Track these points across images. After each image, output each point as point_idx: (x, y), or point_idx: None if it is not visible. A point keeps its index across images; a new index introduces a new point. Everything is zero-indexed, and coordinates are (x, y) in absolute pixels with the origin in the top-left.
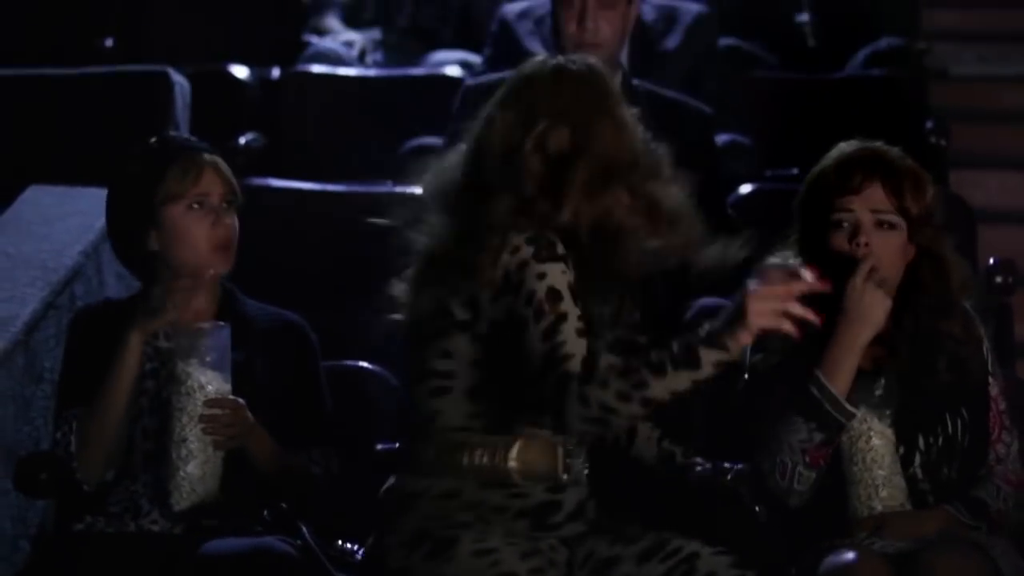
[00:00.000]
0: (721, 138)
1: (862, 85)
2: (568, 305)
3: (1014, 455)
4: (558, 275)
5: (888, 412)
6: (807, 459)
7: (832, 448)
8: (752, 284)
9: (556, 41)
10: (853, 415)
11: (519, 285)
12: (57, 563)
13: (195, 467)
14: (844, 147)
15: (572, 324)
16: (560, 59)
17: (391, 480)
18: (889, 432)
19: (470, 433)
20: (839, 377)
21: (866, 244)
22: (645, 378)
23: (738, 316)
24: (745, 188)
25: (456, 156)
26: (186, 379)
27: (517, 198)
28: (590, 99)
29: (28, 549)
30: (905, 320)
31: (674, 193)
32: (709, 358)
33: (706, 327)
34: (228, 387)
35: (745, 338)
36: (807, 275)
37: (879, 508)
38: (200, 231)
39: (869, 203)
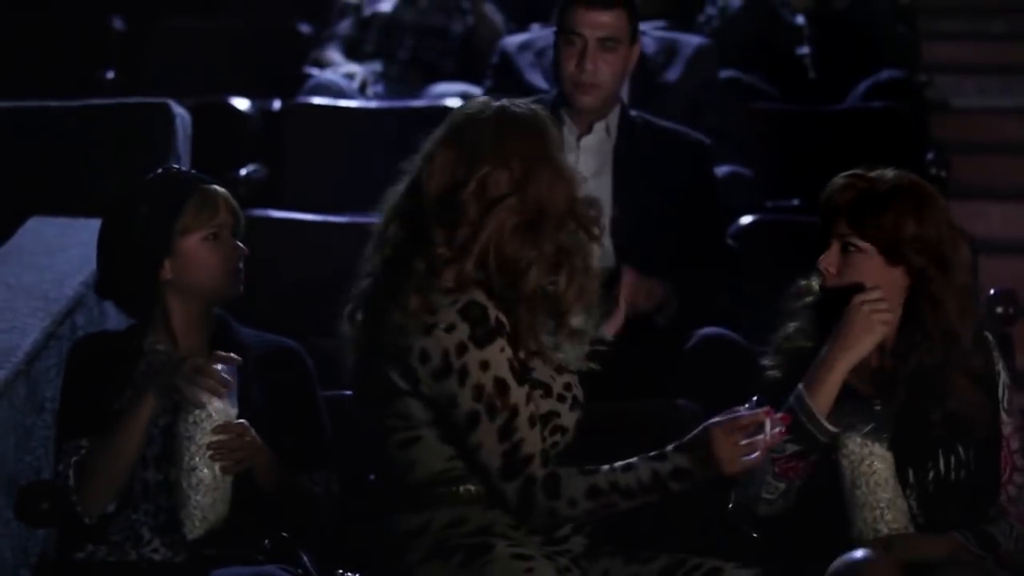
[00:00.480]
0: (722, 169)
1: (863, 117)
2: (517, 394)
3: None
4: (501, 360)
5: (886, 436)
6: (776, 469)
7: (807, 465)
8: (717, 430)
9: (555, 76)
10: (829, 432)
11: (463, 374)
12: None
13: (206, 495)
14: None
15: (525, 415)
16: (504, 101)
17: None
18: (889, 456)
19: (456, 468)
20: (820, 394)
21: (827, 267)
22: (614, 501)
23: (706, 455)
24: (746, 219)
25: (395, 191)
26: (193, 408)
27: (441, 248)
28: (533, 145)
29: None
30: (904, 347)
31: (595, 253)
32: (675, 488)
33: (671, 452)
34: (235, 412)
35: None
36: (769, 425)
37: (885, 531)
38: (216, 261)
39: (837, 228)
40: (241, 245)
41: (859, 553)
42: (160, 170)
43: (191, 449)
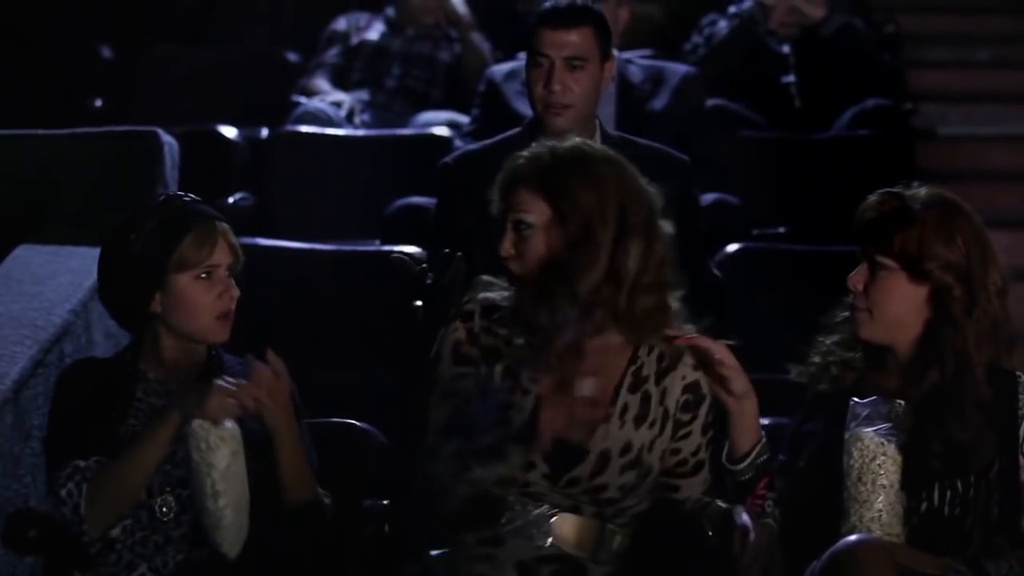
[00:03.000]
0: (708, 197)
1: (849, 145)
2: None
3: None
4: None
5: (903, 439)
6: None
7: (763, 492)
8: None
9: (529, 100)
10: (748, 466)
11: None
12: None
13: (235, 514)
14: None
15: None
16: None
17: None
18: (900, 459)
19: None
20: (737, 443)
21: (855, 285)
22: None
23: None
24: (732, 247)
25: None
26: (205, 435)
27: None
28: None
29: None
30: (919, 367)
31: None
32: (516, 456)
33: None
34: (239, 432)
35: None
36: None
37: (878, 534)
38: (206, 301)
39: (865, 246)
40: (234, 286)
41: (855, 536)
42: (163, 197)
43: (213, 476)
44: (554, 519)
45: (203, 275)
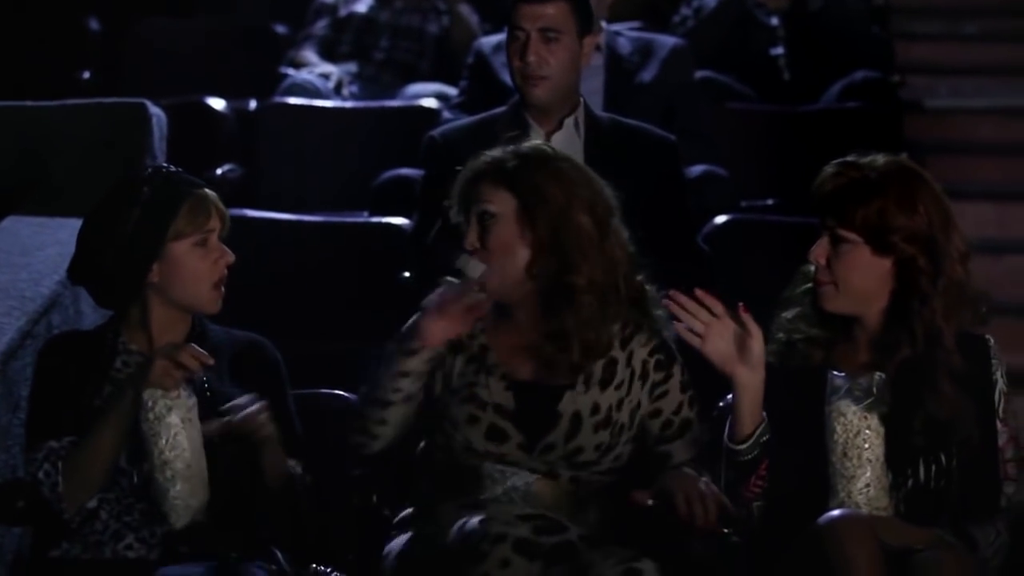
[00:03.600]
0: (696, 169)
1: (837, 117)
2: None
3: (1016, 506)
4: None
5: (885, 411)
6: (744, 492)
7: (756, 477)
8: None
9: (511, 76)
10: (744, 451)
11: None
12: None
13: (183, 484)
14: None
15: None
16: None
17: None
18: (883, 432)
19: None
20: (738, 427)
21: (817, 258)
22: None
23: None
24: (720, 219)
25: None
26: (152, 405)
27: None
28: None
29: None
30: (889, 341)
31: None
32: (399, 351)
33: None
34: (194, 402)
35: (420, 338)
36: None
37: (865, 509)
38: (203, 268)
39: (826, 218)
40: (229, 251)
41: (836, 512)
42: (150, 170)
43: (159, 444)
44: (532, 484)
45: (199, 242)
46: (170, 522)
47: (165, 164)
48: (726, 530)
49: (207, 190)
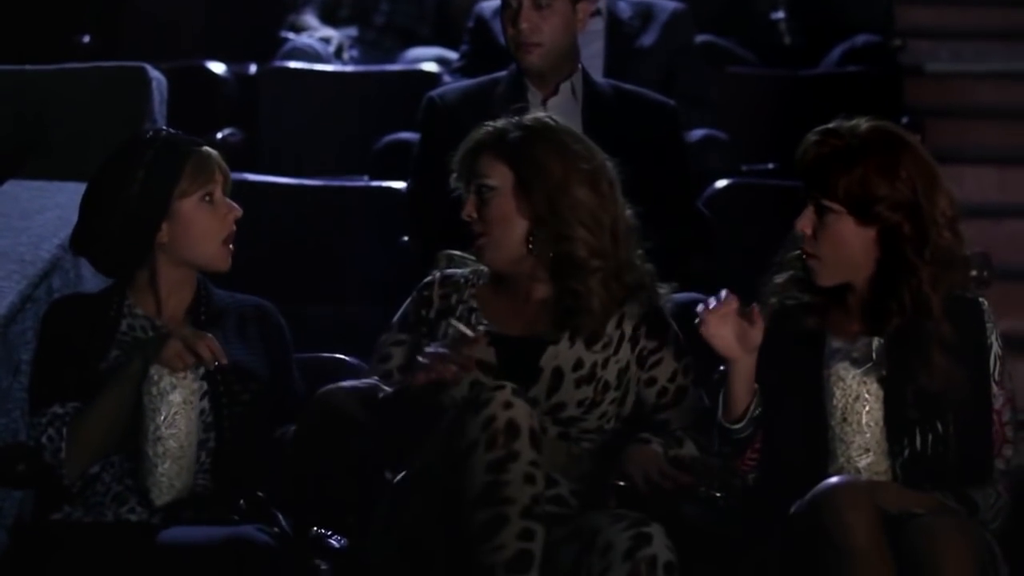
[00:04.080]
0: (697, 133)
1: (838, 81)
2: None
3: (1015, 470)
4: None
5: (883, 375)
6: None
7: (751, 452)
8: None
9: (506, 45)
10: (738, 431)
11: None
12: (35, 553)
13: (171, 464)
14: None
15: None
16: None
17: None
18: (882, 396)
19: None
20: (731, 404)
21: (803, 229)
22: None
23: None
24: (721, 183)
25: None
26: (158, 380)
27: None
28: None
29: (6, 539)
30: (877, 313)
31: None
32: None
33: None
34: (196, 386)
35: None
36: (464, 330)
37: (865, 475)
38: (212, 224)
39: (810, 189)
40: (235, 205)
41: (835, 479)
42: (150, 133)
43: (156, 420)
44: None
45: (206, 198)
46: (150, 498)
47: (162, 128)
48: (702, 488)
49: (208, 148)
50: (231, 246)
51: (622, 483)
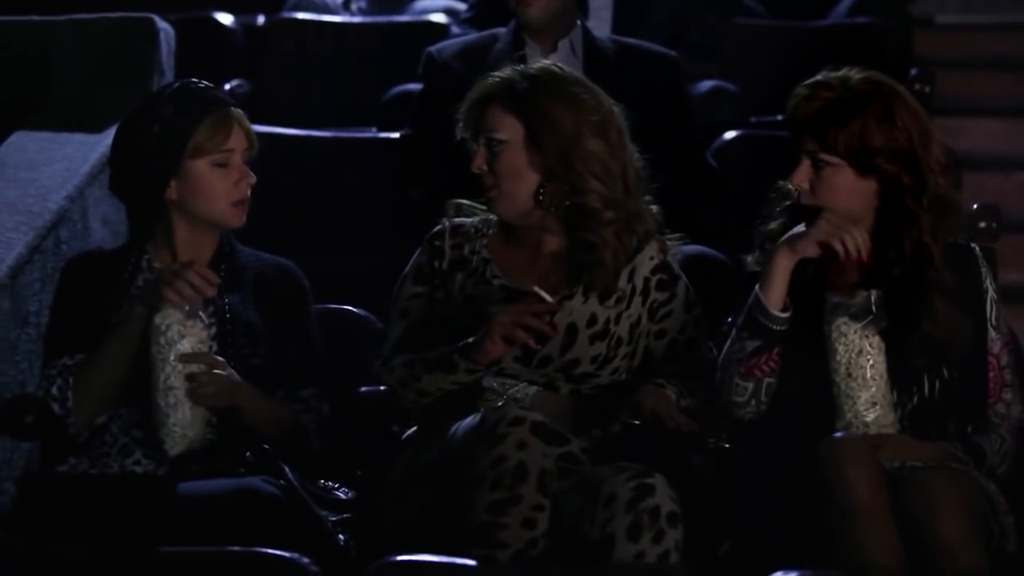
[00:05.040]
0: (706, 84)
1: (847, 32)
2: None
3: (1017, 413)
4: None
5: (884, 327)
6: (742, 369)
7: (770, 359)
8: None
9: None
10: (780, 319)
11: None
12: (42, 504)
13: (183, 413)
14: (805, 82)
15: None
16: None
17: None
18: (885, 348)
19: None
20: (767, 286)
21: (799, 184)
22: (418, 372)
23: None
24: (730, 134)
25: None
26: (165, 330)
27: None
28: None
29: (13, 491)
30: (878, 264)
31: None
32: (462, 365)
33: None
34: (206, 335)
35: (484, 357)
36: (545, 296)
37: (873, 429)
38: (223, 188)
39: (806, 143)
40: (251, 173)
41: (837, 435)
42: (178, 84)
43: (165, 370)
44: (533, 396)
45: (219, 161)
46: (164, 448)
47: (195, 80)
48: (711, 439)
49: (233, 108)
50: (246, 206)
51: (634, 421)
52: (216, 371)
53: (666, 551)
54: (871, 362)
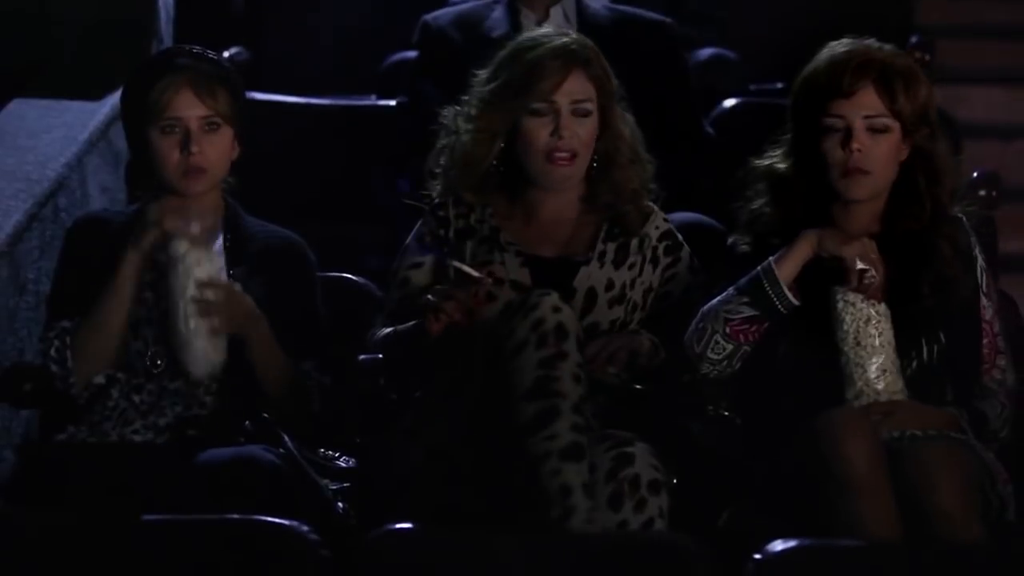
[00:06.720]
0: (705, 52)
1: (848, 0)
2: None
3: (1012, 380)
4: None
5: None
6: (727, 329)
7: (758, 330)
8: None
9: None
10: (790, 303)
11: None
12: (41, 473)
13: (205, 339)
14: (835, 47)
15: None
16: None
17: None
18: (890, 315)
19: None
20: (786, 266)
21: (858, 149)
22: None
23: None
24: (729, 102)
25: None
26: (183, 257)
27: None
28: None
29: (12, 459)
30: (893, 214)
31: None
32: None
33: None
34: (221, 262)
35: (429, 335)
36: (468, 271)
37: (884, 397)
38: (170, 155)
39: (860, 107)
40: (201, 151)
41: (836, 409)
42: (163, 50)
43: (186, 296)
44: None
45: (165, 128)
46: (190, 370)
47: (186, 46)
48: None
49: (198, 74)
50: (203, 175)
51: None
52: (229, 296)
53: (650, 519)
54: (879, 330)
